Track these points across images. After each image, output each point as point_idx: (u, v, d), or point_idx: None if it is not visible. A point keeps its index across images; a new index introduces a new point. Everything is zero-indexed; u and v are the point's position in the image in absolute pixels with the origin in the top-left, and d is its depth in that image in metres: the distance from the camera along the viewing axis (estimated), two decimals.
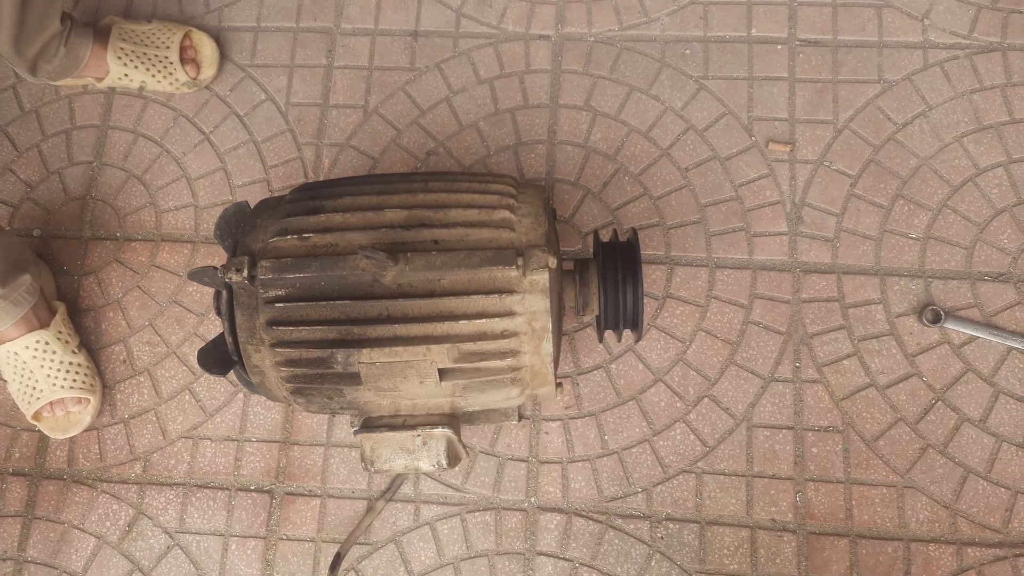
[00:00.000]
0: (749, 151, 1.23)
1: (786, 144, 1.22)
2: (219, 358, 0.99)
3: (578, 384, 1.17)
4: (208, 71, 1.31)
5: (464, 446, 0.98)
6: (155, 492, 1.19)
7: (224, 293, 0.93)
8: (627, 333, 1.16)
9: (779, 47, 1.26)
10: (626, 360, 1.17)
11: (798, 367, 1.15)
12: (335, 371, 0.91)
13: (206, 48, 1.31)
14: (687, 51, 1.27)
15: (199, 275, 0.92)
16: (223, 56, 1.33)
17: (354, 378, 0.92)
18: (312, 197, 0.96)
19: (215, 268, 0.90)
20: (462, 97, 1.29)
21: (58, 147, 1.33)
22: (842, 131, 1.23)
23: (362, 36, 1.33)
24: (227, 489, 1.18)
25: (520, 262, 0.88)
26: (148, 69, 1.28)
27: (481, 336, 0.90)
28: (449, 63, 1.30)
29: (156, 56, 1.29)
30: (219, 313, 0.94)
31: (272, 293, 0.90)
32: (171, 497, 1.18)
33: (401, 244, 0.90)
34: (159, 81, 1.29)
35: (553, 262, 0.89)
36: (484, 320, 0.89)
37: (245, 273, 0.88)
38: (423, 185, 0.97)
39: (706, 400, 1.15)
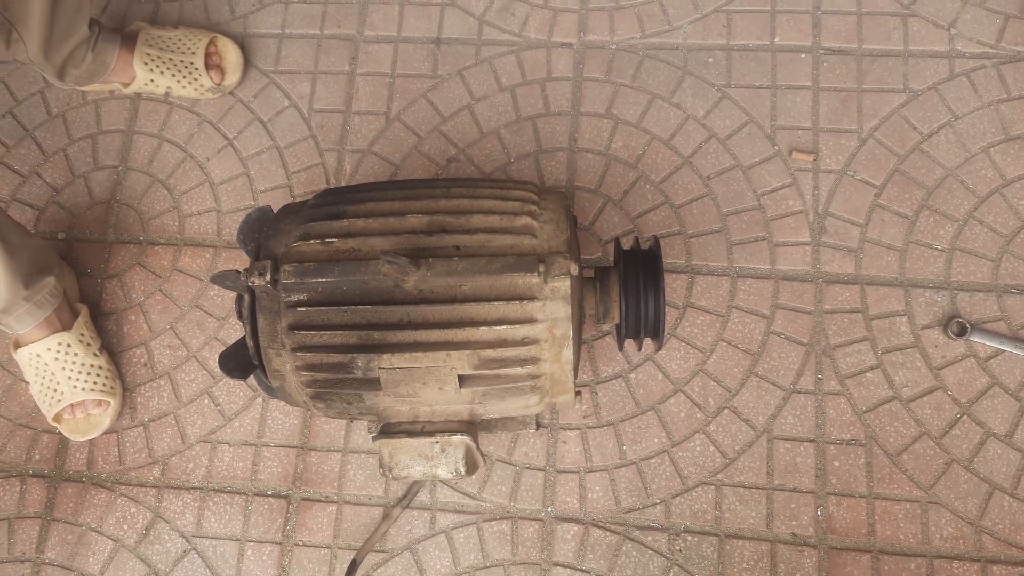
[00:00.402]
0: (772, 160, 1.21)
1: (809, 153, 1.20)
2: (240, 362, 0.98)
3: (597, 393, 1.15)
4: (232, 77, 1.30)
5: (482, 454, 0.96)
6: (173, 496, 1.18)
7: (246, 297, 0.92)
8: (647, 342, 1.14)
9: (803, 56, 1.24)
10: (645, 370, 1.15)
11: (820, 379, 1.13)
12: (355, 376, 0.90)
13: (231, 54, 1.30)
14: (710, 59, 1.26)
15: (222, 279, 0.92)
16: (247, 62, 1.32)
17: (374, 383, 0.91)
18: (334, 202, 0.96)
19: (238, 272, 0.90)
20: (483, 104, 1.28)
21: (84, 151, 1.33)
22: (866, 140, 1.21)
23: (385, 43, 1.32)
24: (244, 494, 1.17)
25: (541, 269, 0.87)
26: (174, 75, 1.28)
27: (501, 343, 0.88)
28: (471, 70, 1.29)
29: (182, 62, 1.29)
30: (240, 317, 0.93)
31: (294, 297, 0.89)
32: (188, 501, 1.17)
33: (423, 250, 0.89)
34: (184, 87, 1.29)
35: (575, 269, 0.87)
36: (504, 327, 0.87)
37: (268, 277, 0.88)
38: (445, 191, 0.95)
39: (726, 411, 1.13)
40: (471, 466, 0.95)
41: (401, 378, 0.89)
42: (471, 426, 0.95)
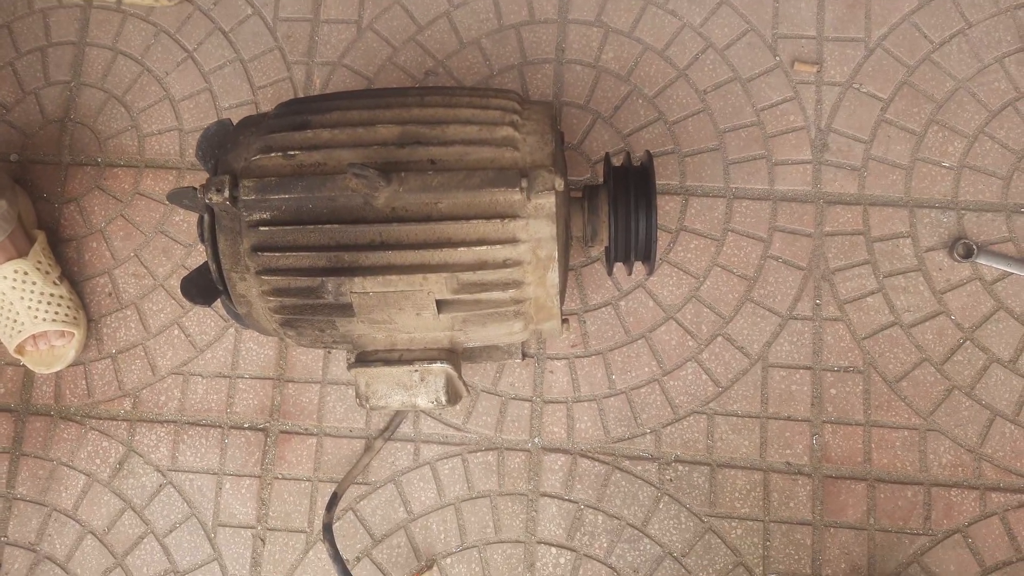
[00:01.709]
0: (773, 72, 1.08)
1: (813, 65, 1.07)
2: (203, 287, 0.86)
3: (585, 322, 1.05)
4: None
5: (465, 384, 0.87)
6: (146, 429, 1.09)
7: (206, 217, 0.81)
8: (638, 267, 1.04)
9: None
10: (636, 297, 1.05)
11: (818, 304, 1.03)
12: (326, 301, 0.79)
13: None
14: None
15: (178, 197, 0.80)
16: None
17: (346, 309, 0.80)
18: (298, 112, 0.83)
19: (194, 189, 0.78)
20: (463, 11, 1.13)
21: (33, 65, 1.17)
22: (874, 50, 1.08)
23: None
24: (220, 427, 1.08)
25: (524, 184, 0.75)
26: None
27: (482, 265, 0.77)
28: None
29: None
30: (203, 240, 0.82)
31: (256, 216, 0.77)
32: (162, 435, 1.08)
33: (395, 164, 0.76)
34: None
35: (560, 184, 0.76)
36: (485, 247, 0.76)
37: (226, 193, 0.75)
38: (419, 99, 0.82)
39: (720, 339, 1.04)
40: (453, 396, 0.85)
41: (375, 303, 0.79)
42: (452, 354, 0.85)
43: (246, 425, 1.07)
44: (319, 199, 0.76)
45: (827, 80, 1.07)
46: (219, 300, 0.86)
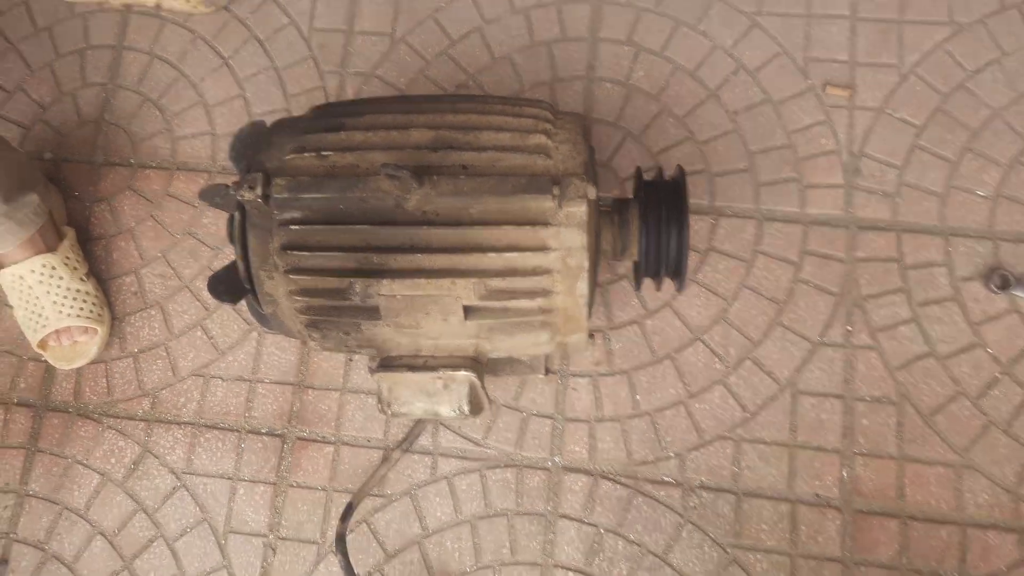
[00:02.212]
0: (804, 95, 1.06)
1: (845, 88, 1.05)
2: (230, 285, 0.84)
3: (610, 339, 1.02)
4: None
5: (487, 395, 0.84)
6: (163, 430, 1.06)
7: (236, 215, 0.79)
8: (667, 284, 1.01)
9: None
10: (663, 316, 1.02)
11: (850, 331, 0.99)
12: (353, 303, 0.76)
13: None
14: None
15: (210, 195, 0.78)
16: None
17: (373, 312, 0.77)
18: (333, 115, 0.81)
19: (227, 186, 0.76)
20: (495, 27, 1.12)
21: (71, 67, 1.17)
22: (907, 77, 1.05)
23: None
24: (237, 431, 1.05)
25: (556, 191, 0.72)
26: None
27: (511, 272, 0.74)
28: None
29: None
30: (231, 240, 0.80)
31: (287, 215, 0.75)
32: (179, 436, 1.05)
33: (427, 168, 0.74)
34: None
35: (592, 192, 0.73)
36: (515, 254, 0.73)
37: (259, 191, 0.73)
38: (452, 106, 0.80)
39: (748, 362, 1.00)
40: (475, 406, 0.82)
41: (402, 307, 0.76)
42: (476, 364, 0.81)
43: (264, 430, 1.04)
44: (351, 200, 0.74)
45: (859, 104, 1.04)
46: (244, 301, 0.84)
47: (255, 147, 0.80)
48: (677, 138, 1.05)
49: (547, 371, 1.00)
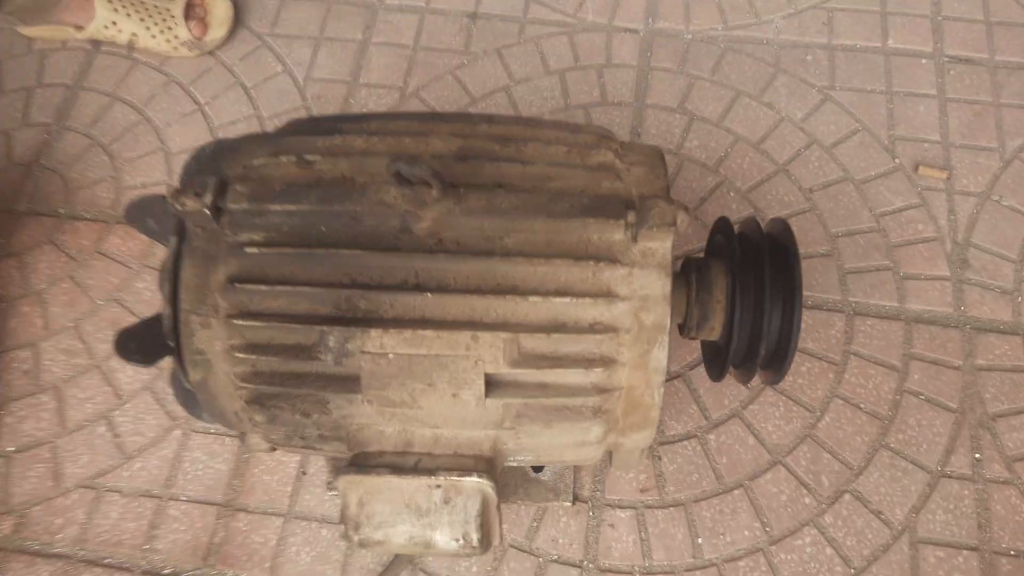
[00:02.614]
0: (892, 175, 0.88)
1: (941, 170, 0.87)
2: (146, 340, 0.59)
3: (660, 458, 0.75)
4: (217, 33, 0.98)
5: (501, 522, 0.56)
6: (21, 567, 0.74)
7: (173, 240, 0.55)
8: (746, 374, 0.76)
9: (923, 61, 0.94)
10: (729, 430, 0.76)
11: (979, 459, 0.74)
12: (321, 367, 0.51)
13: (219, 7, 0.98)
14: (808, 57, 0.95)
15: (139, 212, 0.56)
16: (238, 20, 1.01)
17: (349, 382, 0.51)
18: (328, 121, 0.60)
19: (164, 197, 0.53)
20: (525, 87, 0.96)
21: (14, 105, 0.97)
22: (1011, 161, 0.88)
23: (409, 13, 1.01)
24: (128, 571, 0.73)
25: (631, 218, 0.51)
26: (143, 19, 0.96)
27: (559, 327, 0.50)
28: (512, 50, 0.98)
29: (155, 6, 0.97)
30: (162, 290, 0.56)
31: (245, 235, 0.51)
32: None
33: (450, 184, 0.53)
34: (154, 35, 0.96)
35: (684, 220, 0.52)
36: (567, 300, 0.50)
37: (208, 199, 0.50)
38: (487, 118, 0.60)
39: (847, 497, 0.73)
40: (487, 534, 0.54)
41: (394, 372, 0.50)
42: (492, 468, 0.55)
43: (166, 571, 0.72)
44: (338, 215, 0.51)
45: (959, 189, 0.86)
46: (171, 382, 0.58)
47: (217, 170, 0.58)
48: (740, 213, 0.86)
49: (575, 499, 0.73)
